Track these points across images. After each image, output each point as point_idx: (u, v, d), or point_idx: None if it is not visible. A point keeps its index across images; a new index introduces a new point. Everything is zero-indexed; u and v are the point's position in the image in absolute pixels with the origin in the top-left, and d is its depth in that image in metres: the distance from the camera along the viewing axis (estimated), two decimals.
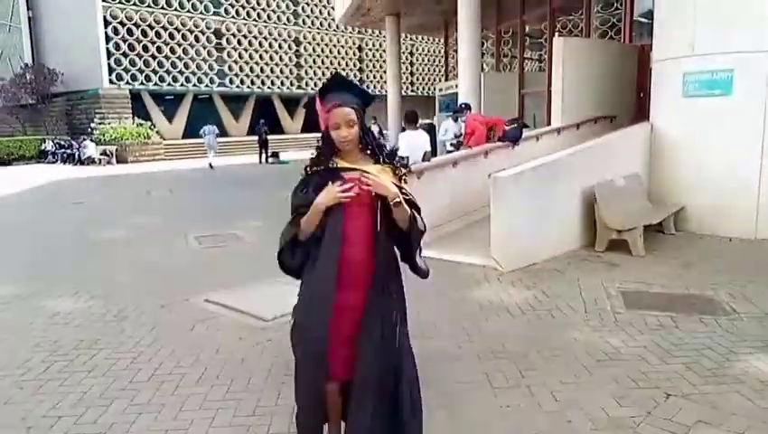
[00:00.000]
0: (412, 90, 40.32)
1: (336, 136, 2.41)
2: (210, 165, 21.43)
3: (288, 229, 2.55)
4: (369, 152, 2.51)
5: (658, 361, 3.84)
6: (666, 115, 8.13)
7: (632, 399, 3.34)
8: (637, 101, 11.31)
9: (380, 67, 38.62)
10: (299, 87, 36.14)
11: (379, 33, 34.02)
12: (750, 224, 7.30)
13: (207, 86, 31.95)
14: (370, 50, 39.57)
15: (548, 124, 11.00)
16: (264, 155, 23.63)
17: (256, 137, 24.54)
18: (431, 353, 4.09)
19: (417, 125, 8.13)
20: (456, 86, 14.74)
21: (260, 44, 34.13)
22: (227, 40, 32.65)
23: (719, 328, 4.38)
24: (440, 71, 35.23)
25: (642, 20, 12.63)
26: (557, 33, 12.34)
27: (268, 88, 34.77)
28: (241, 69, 33.39)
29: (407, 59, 39.57)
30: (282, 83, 35.42)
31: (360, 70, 39.23)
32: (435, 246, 7.08)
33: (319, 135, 2.55)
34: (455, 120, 10.11)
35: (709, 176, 7.55)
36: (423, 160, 7.33)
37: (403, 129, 7.77)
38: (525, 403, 3.34)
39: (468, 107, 10.26)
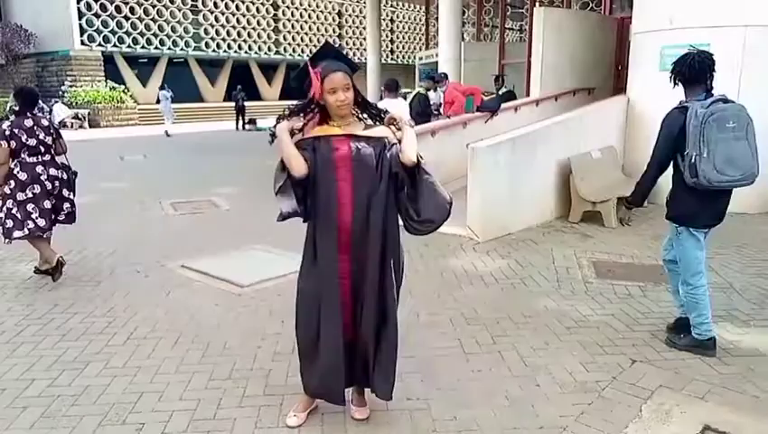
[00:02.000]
0: (392, 59, 39.84)
1: (334, 101, 2.52)
2: (167, 132, 20.40)
3: (278, 173, 2.60)
4: (365, 115, 2.67)
5: (625, 328, 3.96)
6: (642, 88, 8.19)
7: (598, 364, 3.45)
8: (615, 74, 11.38)
9: (360, 34, 38.02)
10: (277, 52, 35.45)
11: None
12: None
13: (182, 49, 31.15)
14: (350, 15, 38.86)
15: (528, 95, 11.02)
16: (241, 122, 23.31)
17: (232, 103, 24.13)
18: (406, 319, 4.15)
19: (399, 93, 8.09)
20: (436, 55, 14.63)
21: (237, 8, 33.27)
22: (202, 2, 31.76)
23: None
24: (421, 40, 34.88)
25: None
26: (537, 4, 12.26)
27: (245, 53, 34.04)
28: (218, 32, 32.58)
29: (387, 26, 39.00)
30: (259, 48, 34.69)
31: (340, 36, 38.57)
32: None
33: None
34: (434, 90, 10.05)
35: None
36: None
37: (381, 98, 7.70)
38: (496, 368, 3.43)
39: (446, 76, 10.20)
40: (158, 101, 21.25)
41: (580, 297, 4.55)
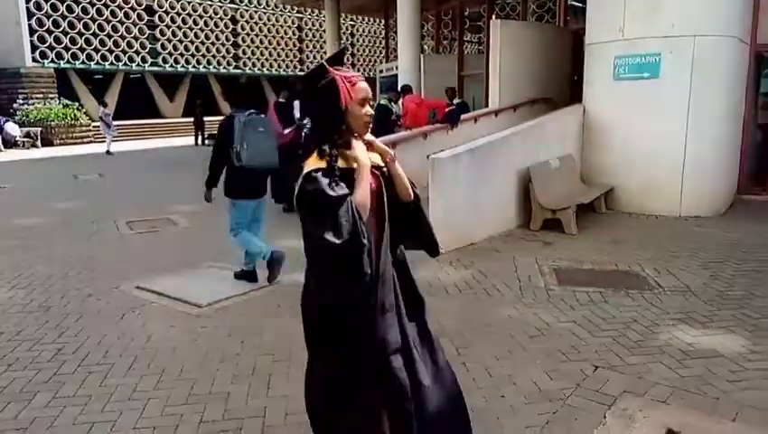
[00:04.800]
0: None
1: (363, 114, 2.06)
2: (108, 151, 19.65)
3: (342, 225, 1.89)
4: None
5: (587, 334, 3.98)
6: (598, 97, 8.37)
7: (562, 372, 3.44)
8: (571, 84, 11.61)
9: (321, 47, 38.02)
10: (236, 67, 35.14)
11: (319, 12, 33.47)
12: (675, 203, 7.66)
13: (139, 65, 30.59)
14: (310, 29, 38.86)
15: (487, 106, 11.15)
16: (200, 137, 22.96)
17: (191, 119, 23.75)
18: None
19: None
20: (397, 68, 14.71)
21: (195, 22, 32.91)
22: (159, 17, 31.31)
23: (645, 302, 4.57)
24: (381, 53, 35.10)
25: (577, 4, 12.96)
26: (494, 16, 12.47)
27: (204, 67, 33.63)
28: (175, 47, 32.13)
29: (347, 39, 39.11)
30: (218, 63, 34.33)
31: (300, 50, 38.51)
32: None
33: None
34: (396, 101, 10.07)
35: (637, 157, 7.84)
36: None
37: None
38: (461, 380, 3.37)
39: (406, 89, 10.24)
40: (100, 119, 20.42)
41: (543, 305, 4.57)
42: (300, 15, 38.06)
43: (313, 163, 2.00)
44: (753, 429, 2.81)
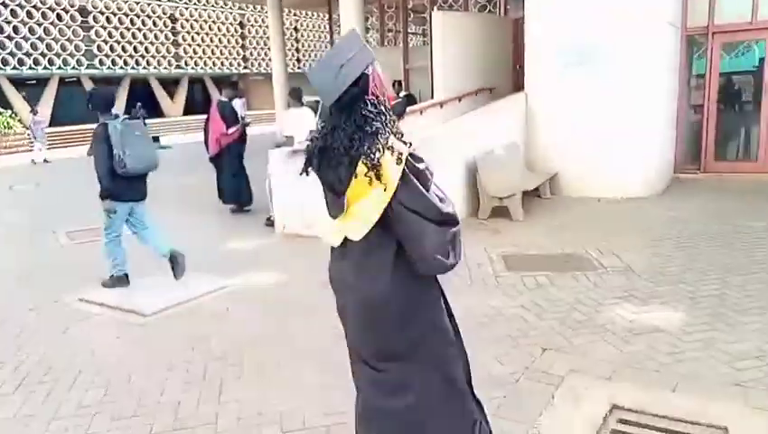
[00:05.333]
0: (299, 67, 39.53)
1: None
2: (33, 160, 18.94)
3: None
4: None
5: (535, 318, 4.08)
6: (539, 85, 8.55)
7: (511, 356, 3.52)
8: (514, 73, 11.81)
9: (265, 44, 37.48)
10: (178, 66, 34.31)
11: (261, 8, 32.96)
12: (616, 184, 7.91)
13: (74, 68, 29.49)
14: (253, 26, 38.26)
15: (433, 98, 11.23)
16: None
17: None
18: (327, 330, 4.07)
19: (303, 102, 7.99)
20: None
21: (132, 22, 31.92)
22: (94, 18, 30.23)
23: (589, 283, 4.72)
24: (326, 47, 34.86)
25: None
26: (435, 8, 12.55)
27: (144, 68, 32.70)
28: (112, 48, 31.12)
29: (291, 35, 38.70)
30: (159, 63, 33.43)
31: (243, 47, 37.89)
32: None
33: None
34: None
35: (579, 142, 8.06)
36: None
37: (288, 106, 7.58)
38: None
39: None
40: (29, 127, 19.49)
41: (492, 292, 4.65)
42: (242, 12, 37.41)
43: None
44: (690, 398, 2.94)
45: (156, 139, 22.66)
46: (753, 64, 9.40)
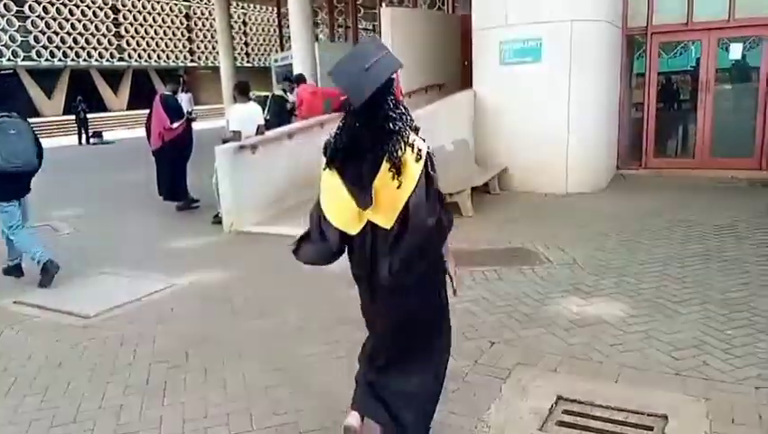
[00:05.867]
0: (248, 61, 38.92)
1: None
2: None
3: None
4: None
5: (483, 312, 4.13)
6: (486, 82, 8.66)
7: (461, 351, 3.53)
8: (462, 69, 11.93)
9: (212, 37, 36.69)
10: (121, 59, 33.20)
11: (208, 0, 32.23)
12: (561, 180, 8.10)
13: (10, 60, 28.14)
14: (200, 18, 37.37)
15: None
16: (84, 136, 21.50)
17: (73, 117, 22.17)
18: (274, 329, 4.02)
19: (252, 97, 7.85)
20: (292, 57, 14.46)
21: (71, 12, 30.66)
22: (30, 7, 28.88)
23: (536, 277, 4.81)
24: (276, 42, 34.40)
25: None
26: (383, 4, 12.56)
27: (84, 60, 31.49)
28: (50, 39, 29.82)
29: (240, 28, 38.02)
30: (101, 55, 32.26)
31: (190, 40, 36.97)
32: (276, 221, 6.97)
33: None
34: (291, 91, 9.88)
35: (525, 138, 8.21)
36: (257, 134, 7.09)
37: (234, 101, 7.42)
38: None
39: (302, 78, 10.10)
40: None
41: None
42: (188, 3, 36.50)
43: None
44: (631, 388, 3.03)
45: (98, 135, 21.88)
46: (691, 64, 9.78)
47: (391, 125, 2.12)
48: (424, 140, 2.20)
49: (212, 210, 7.27)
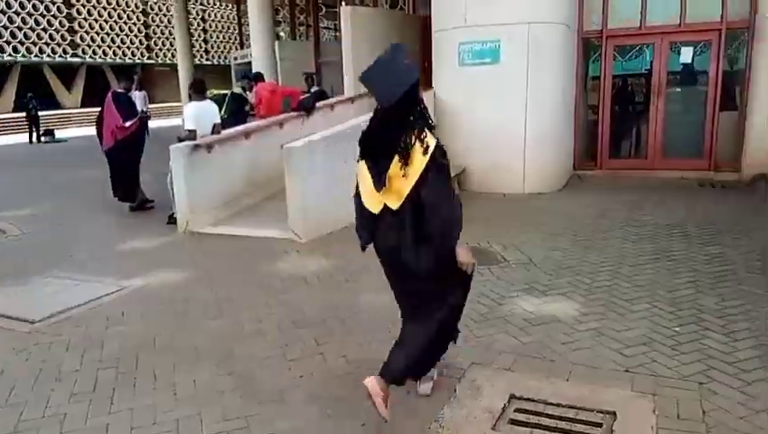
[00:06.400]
0: (207, 59, 38.28)
1: None
2: None
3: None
4: None
5: None
6: (446, 82, 8.71)
7: None
8: (422, 70, 11.97)
9: (171, 33, 35.95)
10: (74, 54, 32.20)
11: None
12: (519, 181, 8.21)
13: None
14: (157, 14, 36.56)
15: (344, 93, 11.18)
16: (35, 134, 20.78)
17: (24, 114, 21.41)
18: (228, 332, 3.95)
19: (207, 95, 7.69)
20: (252, 55, 14.30)
21: (22, 5, 29.59)
22: None
23: (492, 276, 4.85)
24: (236, 39, 33.93)
25: None
26: (344, 3, 12.52)
27: (36, 56, 30.44)
28: (0, 34, 28.71)
29: (199, 25, 37.37)
30: (53, 50, 31.24)
31: (147, 36, 36.13)
32: (232, 221, 6.87)
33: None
34: (250, 89, 9.73)
35: (484, 139, 8.29)
36: (213, 132, 6.96)
37: (189, 99, 7.26)
38: (318, 372, 3.37)
39: (260, 76, 9.97)
40: None
41: None
42: None
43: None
44: (582, 385, 3.08)
45: (50, 133, 21.21)
46: (645, 67, 10.03)
47: (412, 124, 2.56)
48: (437, 139, 2.62)
49: (167, 210, 7.11)
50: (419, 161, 2.54)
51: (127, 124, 7.36)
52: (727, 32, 8.86)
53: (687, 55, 9.50)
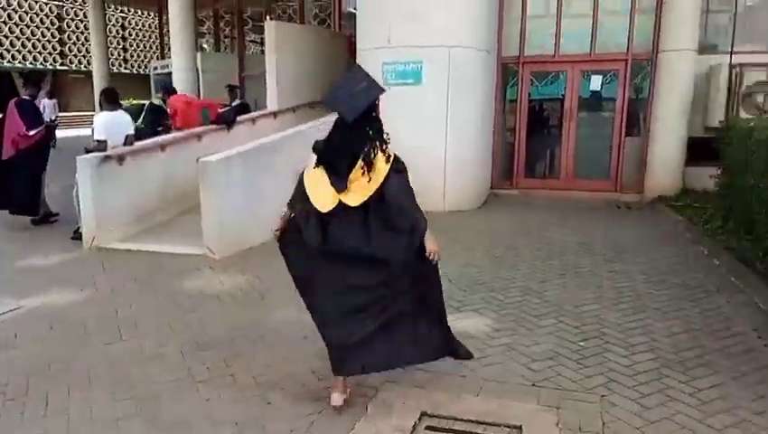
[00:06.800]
0: (126, 68, 36.80)
1: None
2: None
3: None
4: None
5: None
6: None
7: (328, 370, 3.40)
8: None
9: (87, 40, 34.35)
10: None
11: (83, 1, 30.20)
12: (440, 199, 8.35)
13: None
14: (73, 20, 34.85)
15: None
16: None
17: None
18: (128, 354, 3.74)
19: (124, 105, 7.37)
20: (173, 65, 13.87)
21: None
22: None
23: None
24: (157, 49, 32.89)
25: (352, 10, 13.46)
26: (268, 17, 12.41)
27: None
28: None
29: (118, 33, 35.93)
30: None
31: (62, 42, 34.37)
32: (143, 237, 6.59)
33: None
34: (164, 100, 9.37)
35: (406, 158, 8.19)
36: (126, 144, 6.66)
37: (101, 108, 6.92)
38: (227, 394, 3.25)
39: (172, 89, 9.63)
40: None
41: None
42: (60, 3, 33.96)
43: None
44: (491, 401, 3.13)
45: None
46: (559, 93, 10.53)
47: (371, 136, 2.92)
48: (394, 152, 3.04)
49: (73, 224, 6.72)
50: (383, 168, 2.89)
51: (31, 133, 6.91)
52: (633, 62, 9.48)
53: (596, 83, 10.05)
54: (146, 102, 10.68)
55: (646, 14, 9.37)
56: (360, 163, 2.86)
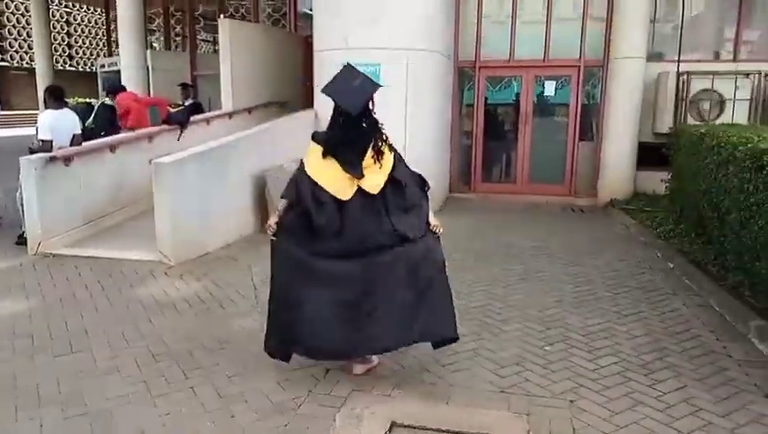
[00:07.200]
0: (71, 65, 35.47)
1: None
2: None
3: None
4: None
5: None
6: (326, 102, 8.58)
7: (294, 380, 3.39)
8: (304, 89, 11.87)
9: (29, 35, 32.92)
10: None
11: None
12: None
13: None
14: (13, 14, 33.35)
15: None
16: None
17: None
18: (80, 367, 3.54)
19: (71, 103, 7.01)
20: (121, 63, 13.40)
21: None
22: None
23: None
24: (104, 46, 31.79)
25: (308, 11, 13.30)
26: (222, 16, 12.12)
27: None
28: None
29: (63, 28, 34.60)
30: None
31: (2, 37, 32.84)
32: (92, 242, 6.31)
33: None
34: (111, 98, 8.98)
35: None
36: (72, 144, 6.35)
37: (46, 107, 6.57)
38: (187, 407, 3.10)
39: (118, 88, 9.24)
40: None
41: None
42: None
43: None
44: (460, 408, 3.09)
45: None
46: (514, 98, 10.68)
47: (372, 127, 3.17)
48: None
49: (17, 229, 6.36)
50: (389, 155, 3.20)
51: None
52: (585, 69, 9.70)
53: (550, 88, 10.24)
54: (94, 101, 10.26)
55: (598, 21, 9.60)
56: (370, 152, 3.12)
